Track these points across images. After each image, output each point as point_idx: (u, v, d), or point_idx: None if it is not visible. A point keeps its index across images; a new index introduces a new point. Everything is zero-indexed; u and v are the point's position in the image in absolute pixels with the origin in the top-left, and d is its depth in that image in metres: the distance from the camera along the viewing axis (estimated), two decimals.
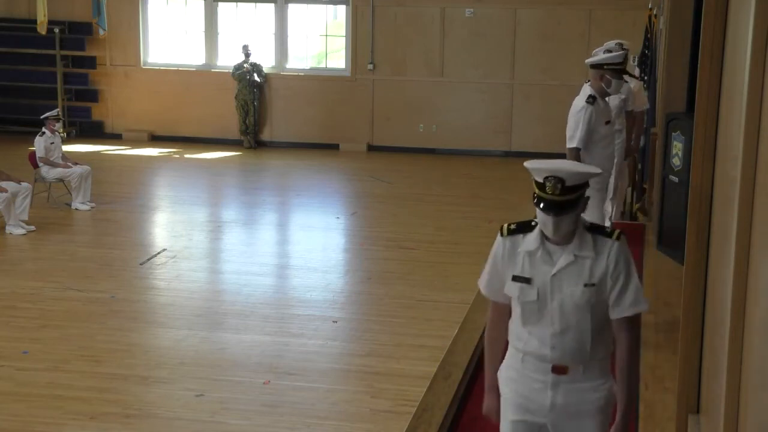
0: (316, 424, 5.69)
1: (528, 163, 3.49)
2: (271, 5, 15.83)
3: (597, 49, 9.06)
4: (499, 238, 3.71)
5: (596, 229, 3.54)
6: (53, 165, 11.18)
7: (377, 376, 6.37)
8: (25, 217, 10.17)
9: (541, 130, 14.58)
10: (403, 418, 5.51)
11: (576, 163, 3.65)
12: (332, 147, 15.51)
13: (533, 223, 3.59)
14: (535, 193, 3.48)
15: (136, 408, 5.89)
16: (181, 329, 7.30)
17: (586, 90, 6.68)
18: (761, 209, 3.26)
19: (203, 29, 16.08)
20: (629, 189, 10.66)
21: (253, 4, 16.01)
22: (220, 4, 16.04)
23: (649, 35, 10.41)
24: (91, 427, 5.64)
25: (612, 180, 9.14)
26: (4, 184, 9.94)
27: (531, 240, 3.57)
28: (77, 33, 15.96)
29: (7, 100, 15.98)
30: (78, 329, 7.23)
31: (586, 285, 3.47)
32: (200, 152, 15.13)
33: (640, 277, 8.12)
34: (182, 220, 11.04)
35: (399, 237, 10.11)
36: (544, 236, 3.52)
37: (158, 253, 9.39)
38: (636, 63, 11.34)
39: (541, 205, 3.45)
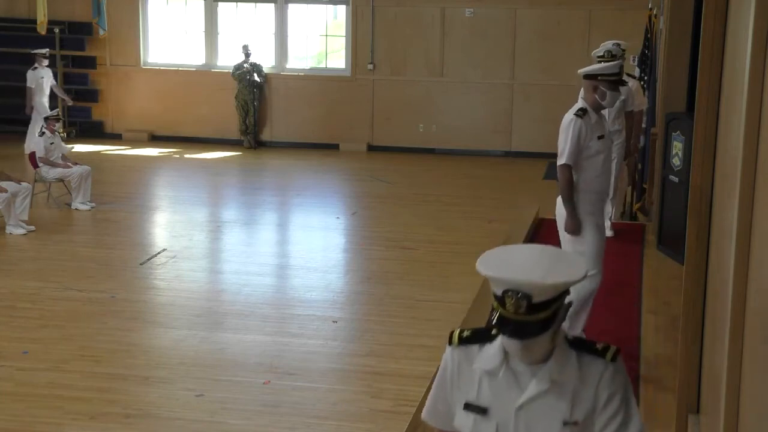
0: (316, 424, 5.69)
1: (482, 266, 2.50)
2: (271, 5, 15.83)
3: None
4: (447, 348, 2.68)
5: (582, 345, 2.58)
6: (53, 165, 11.19)
7: (377, 376, 6.37)
8: (25, 217, 10.17)
9: (541, 130, 14.57)
10: (403, 418, 5.51)
11: (552, 265, 2.47)
12: (332, 147, 15.51)
13: (494, 332, 2.58)
14: (492, 306, 2.50)
15: (136, 408, 5.89)
16: (181, 329, 7.30)
17: (579, 103, 6.10)
18: (761, 209, 3.26)
19: (203, 29, 16.08)
20: (629, 189, 10.66)
21: (253, 4, 16.01)
22: (220, 4, 16.04)
23: (649, 35, 10.41)
24: (91, 427, 5.64)
25: (612, 181, 9.15)
26: (4, 184, 9.94)
27: (490, 355, 2.58)
28: (77, 33, 15.96)
29: (7, 100, 15.98)
30: (78, 329, 7.24)
31: (566, 423, 2.53)
32: (200, 152, 15.13)
33: (640, 280, 8.17)
34: (182, 220, 11.03)
35: (399, 237, 10.11)
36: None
37: (158, 253, 9.39)
38: (636, 63, 11.34)
39: (502, 327, 2.47)
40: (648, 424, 5.40)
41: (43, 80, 14.41)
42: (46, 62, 14.39)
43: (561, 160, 6.02)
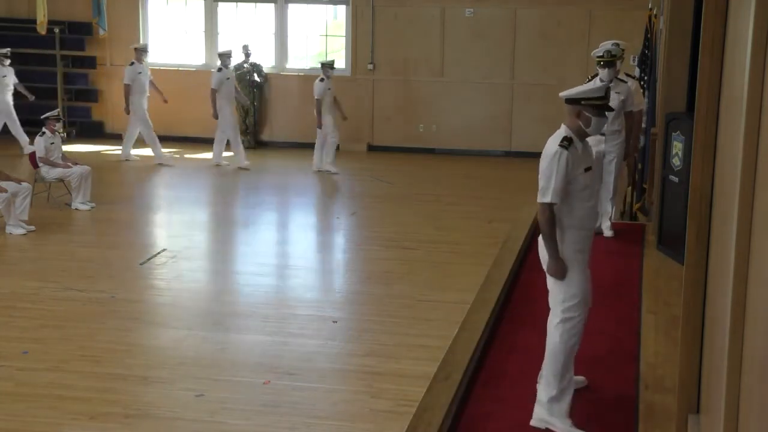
0: (316, 424, 5.69)
1: None
2: (271, 5, 15.83)
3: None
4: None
5: None
6: (53, 165, 11.19)
7: (377, 376, 6.37)
8: (25, 217, 10.17)
9: (541, 130, 14.48)
10: (403, 418, 5.50)
11: None
12: None
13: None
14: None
15: (136, 408, 5.89)
16: (181, 329, 7.30)
17: (561, 131, 5.29)
18: (761, 209, 3.26)
19: (203, 29, 16.08)
20: (629, 189, 10.66)
21: (253, 4, 16.01)
22: (220, 4, 16.04)
23: (649, 35, 10.41)
24: (91, 427, 5.64)
25: (612, 181, 9.15)
26: (4, 184, 9.94)
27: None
28: (77, 33, 15.97)
29: None
30: (78, 329, 7.23)
31: None
32: (200, 152, 15.13)
33: (640, 280, 8.16)
34: (182, 220, 11.03)
35: (399, 237, 10.11)
36: None
37: (158, 253, 9.39)
38: (636, 63, 11.34)
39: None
40: (648, 424, 5.40)
41: (5, 79, 14.43)
42: (7, 62, 14.39)
43: (544, 198, 5.17)
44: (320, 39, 16.08)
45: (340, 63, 15.82)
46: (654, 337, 6.77)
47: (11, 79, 14.55)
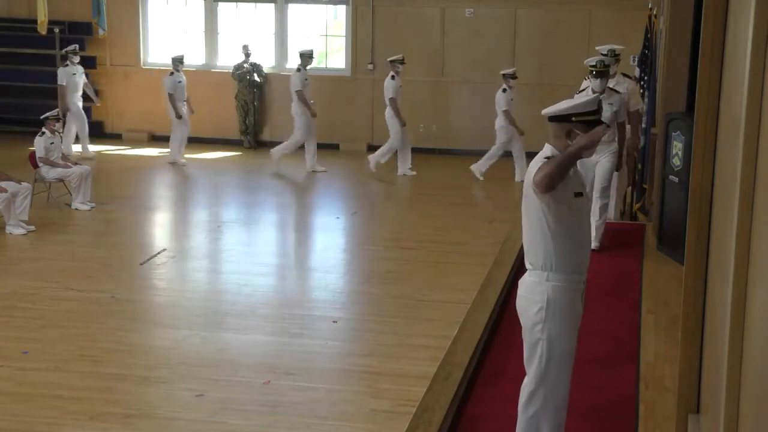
0: (316, 424, 5.69)
1: None
2: (271, 5, 15.83)
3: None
4: None
5: None
6: (53, 165, 11.18)
7: (377, 376, 6.37)
8: (25, 217, 10.17)
9: (541, 130, 14.50)
10: (403, 418, 5.50)
11: None
12: (332, 147, 15.49)
13: None
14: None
15: (136, 408, 5.89)
16: (181, 329, 7.30)
17: (546, 150, 4.60)
18: (761, 209, 3.26)
19: (203, 29, 16.08)
20: (629, 189, 10.65)
21: (253, 4, 16.01)
22: (220, 4, 16.04)
23: (649, 35, 10.41)
24: (91, 427, 5.64)
25: (612, 182, 9.14)
26: (4, 184, 9.93)
27: None
28: (77, 33, 15.95)
29: (7, 100, 15.97)
30: (78, 329, 7.23)
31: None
32: (200, 152, 15.12)
33: (640, 280, 8.16)
34: (182, 220, 11.04)
35: (399, 237, 10.11)
36: None
37: (158, 253, 9.39)
38: (636, 63, 11.34)
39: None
40: (648, 424, 5.40)
41: (74, 77, 14.50)
42: (76, 59, 14.45)
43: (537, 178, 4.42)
44: (320, 39, 16.07)
45: (340, 63, 15.82)
46: (654, 337, 6.77)
47: (81, 79, 14.61)
